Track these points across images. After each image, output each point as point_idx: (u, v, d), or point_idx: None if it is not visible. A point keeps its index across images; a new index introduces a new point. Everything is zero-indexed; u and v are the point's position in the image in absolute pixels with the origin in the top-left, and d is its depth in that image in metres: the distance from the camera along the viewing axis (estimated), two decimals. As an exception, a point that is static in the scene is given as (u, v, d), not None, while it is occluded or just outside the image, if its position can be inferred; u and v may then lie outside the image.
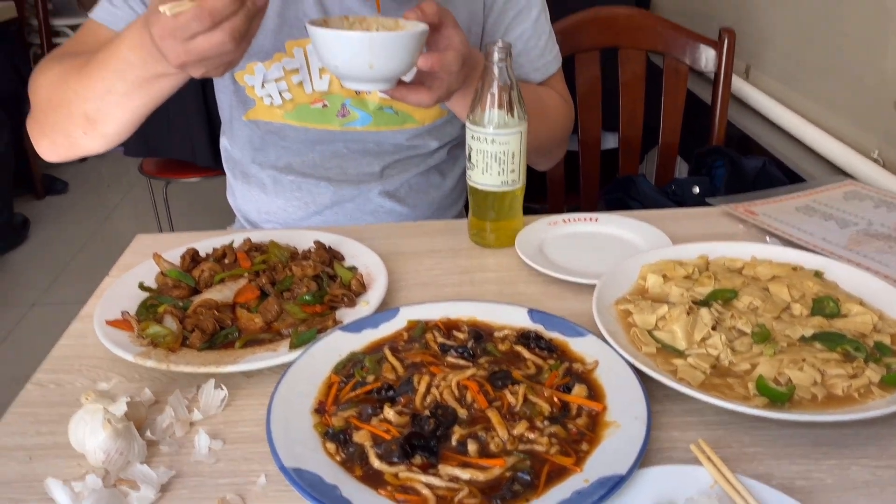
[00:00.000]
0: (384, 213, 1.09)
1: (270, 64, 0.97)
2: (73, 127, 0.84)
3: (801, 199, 0.96)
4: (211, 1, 0.64)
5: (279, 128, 1.02)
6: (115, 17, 0.91)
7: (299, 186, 1.07)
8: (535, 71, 1.07)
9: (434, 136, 1.07)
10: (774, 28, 1.57)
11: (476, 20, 1.02)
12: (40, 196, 3.25)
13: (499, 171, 0.85)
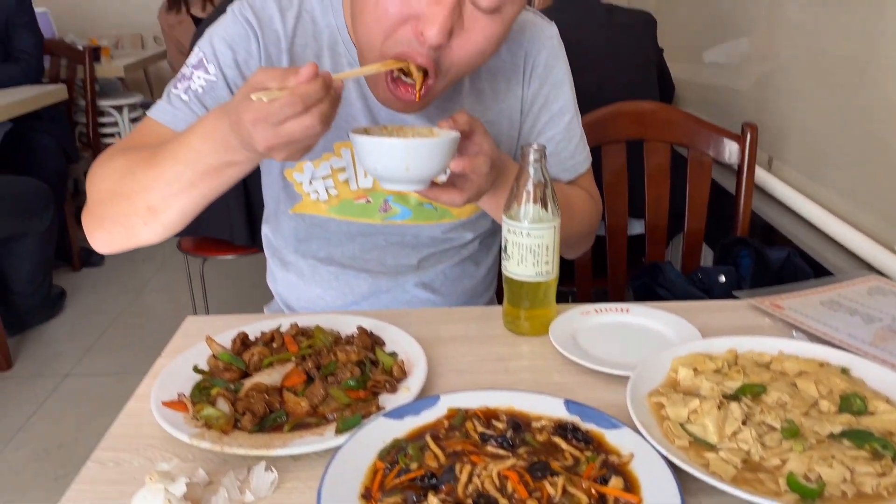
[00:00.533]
0: (418, 302, 1.13)
1: (319, 163, 1.03)
2: (135, 217, 0.88)
3: (826, 294, 0.99)
4: (302, 87, 0.71)
5: (323, 221, 1.07)
6: (175, 117, 0.96)
7: (337, 277, 1.11)
8: (565, 171, 1.12)
9: (469, 229, 1.12)
10: (796, 120, 1.63)
11: (514, 125, 1.08)
12: (77, 268, 3.34)
13: (533, 262, 0.89)
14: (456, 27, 0.82)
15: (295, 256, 1.13)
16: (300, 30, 0.98)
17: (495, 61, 1.03)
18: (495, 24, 0.85)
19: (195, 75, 0.96)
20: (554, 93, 1.08)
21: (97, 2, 4.49)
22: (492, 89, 1.05)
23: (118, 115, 3.70)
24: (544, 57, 1.06)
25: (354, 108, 1.01)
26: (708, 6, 2.16)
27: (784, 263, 1.33)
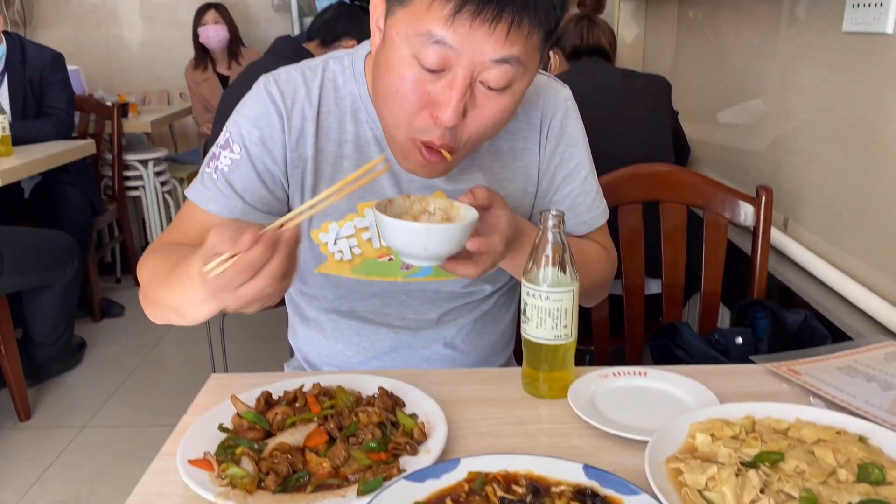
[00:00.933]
0: (438, 359, 1.15)
1: (343, 223, 1.06)
2: (168, 313, 0.95)
3: (844, 360, 1.00)
4: (247, 255, 0.74)
5: (346, 281, 1.09)
6: (206, 197, 1.01)
7: (358, 332, 1.14)
8: (582, 224, 1.15)
9: (489, 282, 1.15)
10: (811, 182, 1.65)
11: (531, 181, 1.11)
12: (97, 319, 3.38)
13: (552, 325, 0.91)
14: (469, 106, 0.88)
15: (317, 312, 1.16)
16: (324, 97, 1.03)
17: (513, 123, 1.07)
18: (506, 98, 0.89)
19: (223, 155, 1.01)
20: (569, 151, 1.11)
21: (126, 60, 4.64)
22: (509, 148, 1.08)
23: (143, 169, 3.79)
24: (559, 118, 1.10)
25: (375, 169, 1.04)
26: (722, 69, 2.21)
27: (801, 326, 1.34)
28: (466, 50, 0.83)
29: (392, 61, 0.87)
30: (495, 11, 0.81)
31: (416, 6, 0.83)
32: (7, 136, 2.75)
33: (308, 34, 2.35)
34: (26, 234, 2.66)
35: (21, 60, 3.07)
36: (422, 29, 0.83)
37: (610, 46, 2.07)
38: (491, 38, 0.82)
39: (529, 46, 0.86)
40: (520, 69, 0.87)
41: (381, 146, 1.03)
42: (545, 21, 0.85)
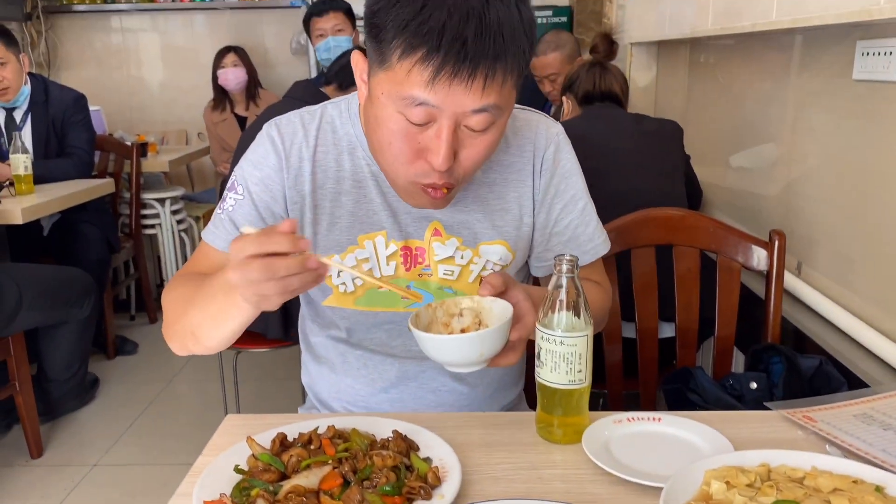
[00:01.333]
0: (446, 391, 1.16)
1: (345, 256, 1.10)
2: (185, 339, 1.01)
3: (860, 407, 0.99)
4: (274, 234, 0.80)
5: (351, 313, 1.13)
6: (216, 236, 1.09)
7: (366, 364, 1.16)
8: (585, 254, 1.17)
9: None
10: (824, 226, 1.66)
11: (526, 211, 1.14)
12: (111, 356, 3.40)
13: (567, 370, 0.91)
14: (458, 148, 0.93)
15: (326, 344, 1.19)
16: (321, 138, 1.09)
17: (506, 156, 1.12)
18: (490, 135, 0.95)
19: (229, 197, 1.09)
20: (564, 183, 1.15)
21: (146, 100, 4.74)
22: (503, 180, 1.12)
23: (160, 208, 3.84)
24: (552, 151, 1.14)
25: (374, 204, 1.09)
26: (733, 113, 2.23)
27: (816, 371, 1.33)
28: (448, 105, 0.88)
29: (381, 118, 0.93)
30: (470, 69, 0.86)
31: (397, 72, 0.88)
32: (29, 174, 2.81)
33: (326, 78, 2.40)
34: (44, 271, 2.69)
35: (45, 101, 3.14)
36: (404, 93, 0.88)
37: (622, 92, 2.10)
38: (469, 93, 0.88)
39: (505, 91, 0.91)
40: (498, 112, 0.93)
41: (377, 181, 1.08)
42: (517, 66, 0.90)
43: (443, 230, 1.09)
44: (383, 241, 1.08)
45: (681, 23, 2.41)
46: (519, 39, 0.88)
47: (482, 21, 0.84)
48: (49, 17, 4.52)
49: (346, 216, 1.08)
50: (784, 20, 1.61)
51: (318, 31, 3.19)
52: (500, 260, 1.11)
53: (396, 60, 0.87)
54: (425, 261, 1.10)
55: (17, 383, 2.45)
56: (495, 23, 0.85)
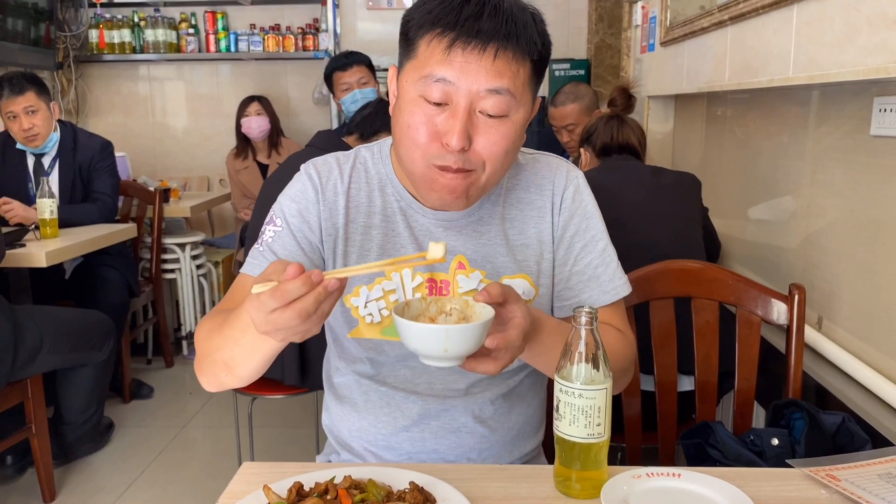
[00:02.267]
0: (467, 432, 1.16)
1: (372, 286, 1.13)
2: (218, 370, 1.02)
3: (884, 466, 0.97)
4: (285, 284, 0.81)
5: (377, 343, 1.15)
6: (254, 267, 1.11)
7: (388, 402, 1.16)
8: (606, 294, 1.18)
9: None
10: (845, 281, 1.65)
11: (546, 247, 1.16)
12: (126, 400, 3.40)
13: (585, 423, 0.91)
14: (474, 133, 0.99)
15: (350, 383, 1.20)
16: (355, 176, 1.16)
17: (525, 194, 1.16)
18: (506, 125, 1.00)
19: (267, 230, 1.13)
20: (585, 223, 1.18)
21: (171, 147, 4.83)
22: (522, 216, 1.16)
23: (180, 252, 3.88)
24: (571, 192, 1.18)
25: (402, 238, 1.13)
26: (751, 166, 2.24)
27: (839, 428, 1.31)
28: (463, 82, 0.96)
29: (404, 104, 1.02)
30: (482, 42, 0.95)
31: (420, 54, 0.99)
32: (55, 218, 2.86)
33: (348, 129, 2.44)
34: (66, 314, 2.72)
35: (73, 147, 3.22)
36: (424, 72, 0.98)
37: (639, 144, 2.12)
38: (482, 70, 0.96)
39: (518, 80, 0.99)
40: (512, 101, 0.99)
41: (405, 215, 1.13)
42: (528, 50, 0.98)
43: (467, 263, 1.12)
44: (409, 273, 1.12)
45: (698, 77, 2.44)
46: (530, 30, 0.98)
47: (497, 8, 0.96)
48: (80, 66, 4.65)
49: (375, 248, 1.13)
50: (801, 76, 1.63)
51: (343, 84, 3.26)
52: (523, 294, 1.12)
53: (419, 44, 0.99)
54: (450, 293, 1.12)
55: (33, 426, 2.46)
56: (508, 10, 0.97)
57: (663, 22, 2.90)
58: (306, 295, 0.81)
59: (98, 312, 2.82)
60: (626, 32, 3.74)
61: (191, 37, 4.58)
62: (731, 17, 2.03)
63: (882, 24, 1.30)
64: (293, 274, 0.81)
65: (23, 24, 4.09)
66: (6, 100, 3.03)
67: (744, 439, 1.38)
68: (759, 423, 1.65)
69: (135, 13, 4.60)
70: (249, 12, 4.61)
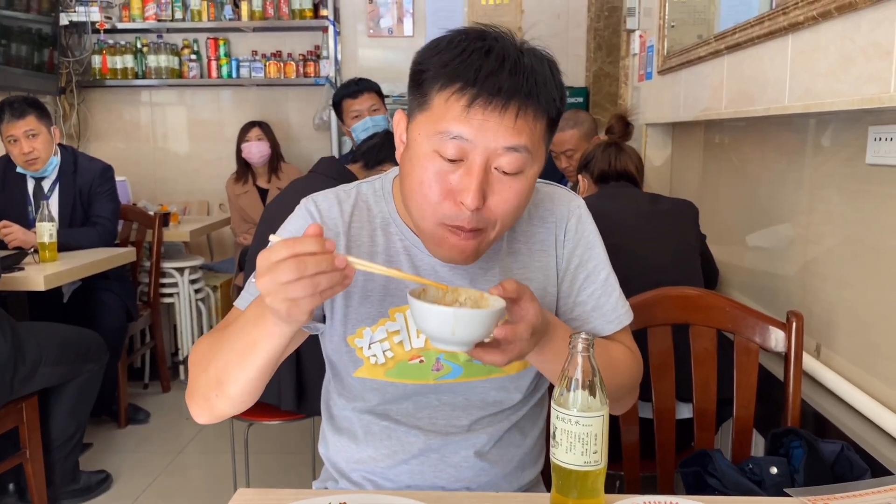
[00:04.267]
0: (467, 466, 1.15)
1: (376, 328, 1.11)
2: (209, 390, 1.00)
3: (884, 496, 0.97)
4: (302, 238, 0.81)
5: (381, 384, 1.14)
6: (246, 300, 1.10)
7: (390, 435, 1.15)
8: (610, 323, 1.18)
9: (517, 389, 1.17)
10: (843, 309, 1.65)
11: (550, 280, 1.16)
12: (122, 425, 3.38)
13: (582, 451, 0.90)
14: (488, 191, 0.97)
15: (350, 417, 1.18)
16: (356, 215, 1.13)
17: (529, 226, 1.15)
18: (520, 182, 0.98)
19: None
20: (588, 253, 1.17)
21: (171, 171, 4.85)
22: (528, 250, 1.15)
23: (179, 277, 3.88)
24: (574, 222, 1.17)
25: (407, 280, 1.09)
26: (748, 193, 2.25)
27: (838, 457, 1.30)
28: (480, 140, 0.94)
29: (416, 158, 0.98)
30: (504, 101, 0.93)
31: (435, 108, 0.96)
32: (54, 242, 2.86)
33: (353, 157, 2.45)
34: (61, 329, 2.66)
35: (73, 171, 3.23)
36: (440, 128, 0.95)
37: (637, 171, 2.13)
38: (501, 127, 0.93)
39: (535, 137, 0.97)
40: (528, 157, 0.97)
41: (409, 255, 1.11)
42: (547, 108, 0.97)
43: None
44: None
45: (695, 105, 2.46)
46: (550, 88, 0.96)
47: (517, 64, 0.93)
48: (82, 91, 4.68)
49: (378, 290, 1.11)
50: (796, 105, 1.64)
51: (353, 112, 3.26)
52: None
53: (435, 96, 0.96)
54: None
55: (27, 451, 2.44)
56: (529, 67, 0.94)
57: (661, 51, 2.93)
58: (314, 255, 0.80)
59: (92, 331, 2.79)
60: (624, 61, 3.77)
61: (193, 63, 4.62)
62: (728, 46, 2.06)
63: (875, 54, 1.32)
64: (313, 232, 0.82)
65: (27, 49, 4.13)
66: (7, 124, 3.05)
67: (742, 468, 1.37)
68: (757, 452, 1.64)
69: (138, 39, 4.65)
70: (251, 39, 4.66)
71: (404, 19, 4.63)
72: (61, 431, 2.66)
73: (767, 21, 1.76)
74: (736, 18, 2.11)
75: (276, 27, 4.54)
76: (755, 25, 1.84)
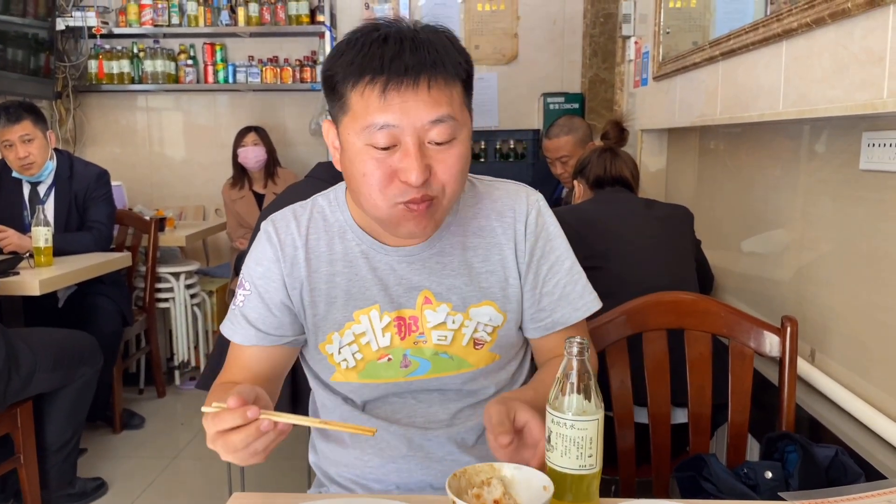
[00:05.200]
0: (452, 461, 1.16)
1: (343, 332, 1.15)
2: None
3: (877, 499, 0.97)
4: (222, 413, 0.88)
5: (356, 388, 1.17)
6: (232, 331, 1.17)
7: (375, 435, 1.15)
8: (577, 311, 1.20)
9: (490, 380, 1.19)
10: (837, 314, 1.66)
11: (511, 275, 1.18)
12: (117, 430, 3.37)
13: (577, 454, 0.90)
14: (430, 163, 1.01)
15: (335, 417, 1.20)
16: (312, 227, 1.17)
17: (487, 222, 1.18)
18: (456, 147, 1.03)
19: (239, 294, 1.18)
20: (549, 244, 1.20)
21: (167, 176, 4.84)
22: (486, 244, 1.17)
23: (174, 282, 3.87)
24: (533, 216, 1.19)
25: (366, 281, 1.14)
26: (743, 199, 2.26)
27: (832, 461, 1.31)
28: (405, 121, 0.98)
29: (353, 156, 1.02)
30: (413, 78, 0.97)
31: (354, 106, 1.00)
32: (49, 247, 2.86)
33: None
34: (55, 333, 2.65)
35: (69, 176, 3.23)
36: (366, 122, 0.99)
37: (633, 177, 2.14)
38: (420, 104, 0.97)
39: (455, 103, 1.01)
40: (455, 124, 1.01)
41: (367, 258, 1.15)
42: (456, 73, 1.01)
43: (433, 297, 1.14)
44: (377, 314, 1.13)
45: (690, 111, 2.47)
46: (452, 53, 1.01)
47: (415, 41, 0.98)
48: (78, 96, 4.68)
49: (342, 295, 1.14)
50: (790, 111, 1.65)
51: None
52: (490, 321, 1.15)
53: (350, 96, 1.00)
54: (419, 328, 1.14)
55: (21, 456, 2.43)
56: (427, 42, 0.99)
57: (656, 57, 2.94)
58: (238, 429, 0.87)
59: (86, 333, 2.78)
60: (619, 67, 3.79)
61: (189, 68, 4.62)
62: (723, 52, 2.07)
63: (868, 60, 1.33)
64: (233, 404, 0.87)
65: (23, 54, 4.13)
66: (2, 128, 3.05)
67: (738, 472, 1.37)
68: (752, 456, 1.64)
69: (134, 44, 4.65)
70: (248, 44, 4.66)
71: (401, 25, 4.64)
72: (58, 436, 2.65)
73: (762, 28, 1.77)
74: (731, 25, 2.12)
75: (272, 33, 4.55)
76: (749, 32, 1.85)
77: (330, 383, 1.19)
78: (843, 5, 1.37)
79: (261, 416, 0.87)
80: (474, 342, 1.15)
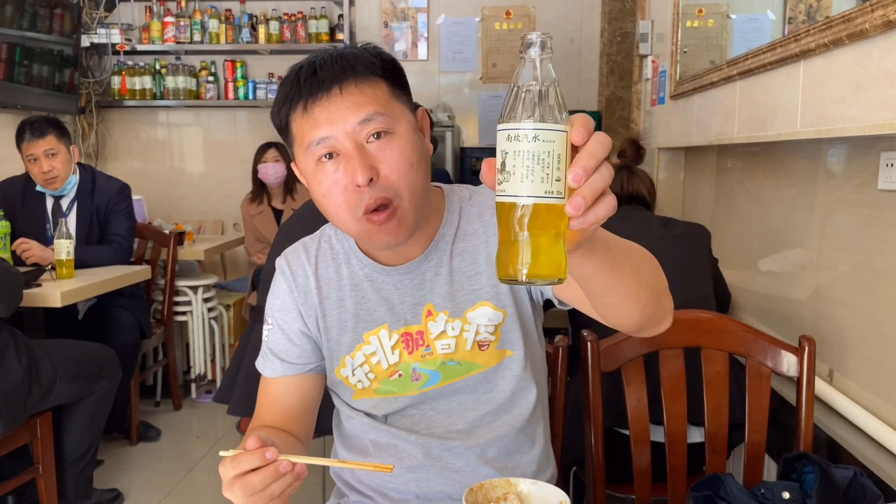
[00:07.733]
0: (470, 472, 1.17)
1: (354, 354, 1.18)
2: None
3: (896, 521, 0.96)
4: (241, 455, 0.88)
5: (376, 403, 1.19)
6: (264, 366, 1.21)
7: (395, 445, 1.19)
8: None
9: (502, 377, 1.19)
10: (855, 334, 1.65)
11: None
12: (134, 442, 3.39)
13: (542, 176, 0.65)
14: (375, 160, 1.02)
15: (360, 431, 1.22)
16: (321, 256, 1.22)
17: (469, 224, 1.19)
18: (396, 140, 1.04)
19: (265, 329, 1.22)
20: None
21: (187, 191, 4.90)
22: (472, 246, 1.17)
23: (192, 295, 3.91)
24: None
25: (372, 302, 1.17)
26: (761, 218, 2.26)
27: (851, 483, 1.30)
28: (337, 129, 1.01)
29: (311, 180, 1.06)
30: (327, 88, 1.01)
31: (295, 133, 1.05)
32: (71, 259, 2.89)
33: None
34: (74, 345, 2.68)
35: (91, 190, 3.27)
36: (306, 143, 1.03)
37: (649, 195, 2.14)
38: (344, 109, 1.01)
39: (379, 99, 1.03)
40: (386, 118, 1.03)
41: (372, 280, 1.17)
42: (370, 70, 1.04)
43: (433, 309, 1.16)
44: (386, 333, 1.16)
45: (707, 130, 2.48)
46: (364, 56, 1.04)
47: (331, 59, 1.03)
48: (101, 111, 4.76)
49: (351, 318, 1.18)
50: (808, 130, 1.65)
51: None
52: (489, 321, 1.16)
53: (292, 128, 1.05)
54: (425, 342, 1.16)
55: (40, 466, 2.45)
56: (340, 55, 1.03)
57: (673, 76, 2.95)
58: (257, 470, 0.87)
59: (106, 346, 2.80)
60: (636, 85, 3.80)
61: (210, 84, 4.68)
62: (740, 72, 2.07)
63: (886, 81, 1.33)
64: (252, 445, 0.88)
65: (48, 70, 4.20)
66: (27, 143, 3.10)
67: (755, 492, 1.36)
68: (770, 476, 1.63)
69: (157, 61, 4.72)
70: (268, 61, 4.72)
71: (419, 43, 4.69)
72: (75, 447, 2.67)
73: (780, 48, 1.78)
74: (748, 45, 2.13)
75: (292, 50, 4.60)
76: (767, 52, 1.86)
77: (351, 403, 1.22)
78: (861, 26, 1.37)
79: (279, 458, 0.89)
80: (478, 344, 1.16)
